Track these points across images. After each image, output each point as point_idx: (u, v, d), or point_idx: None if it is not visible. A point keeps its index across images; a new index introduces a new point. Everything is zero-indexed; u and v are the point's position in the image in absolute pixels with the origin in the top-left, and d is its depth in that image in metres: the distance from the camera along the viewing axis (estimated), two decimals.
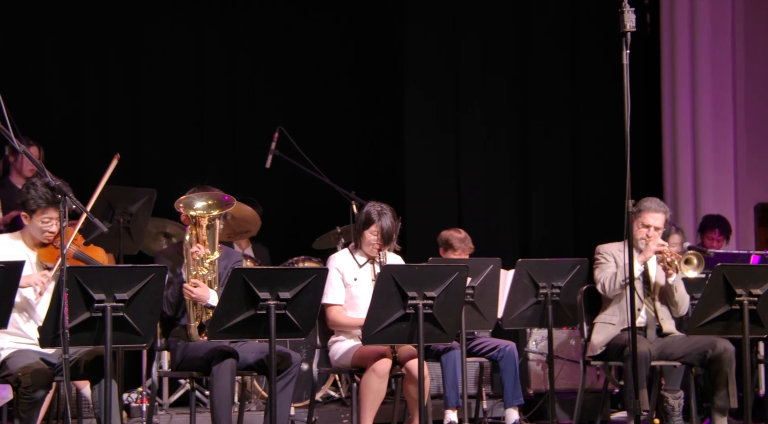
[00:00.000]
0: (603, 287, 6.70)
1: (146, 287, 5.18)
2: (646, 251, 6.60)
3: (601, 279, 6.72)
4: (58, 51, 9.13)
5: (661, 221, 6.72)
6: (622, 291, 6.63)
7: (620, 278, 6.60)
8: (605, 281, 6.69)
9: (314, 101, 9.85)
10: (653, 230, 6.69)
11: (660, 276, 6.73)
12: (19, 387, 5.30)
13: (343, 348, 6.35)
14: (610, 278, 6.66)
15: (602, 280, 6.71)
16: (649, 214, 6.65)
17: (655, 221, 6.69)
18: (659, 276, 6.73)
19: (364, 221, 6.43)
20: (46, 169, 5.37)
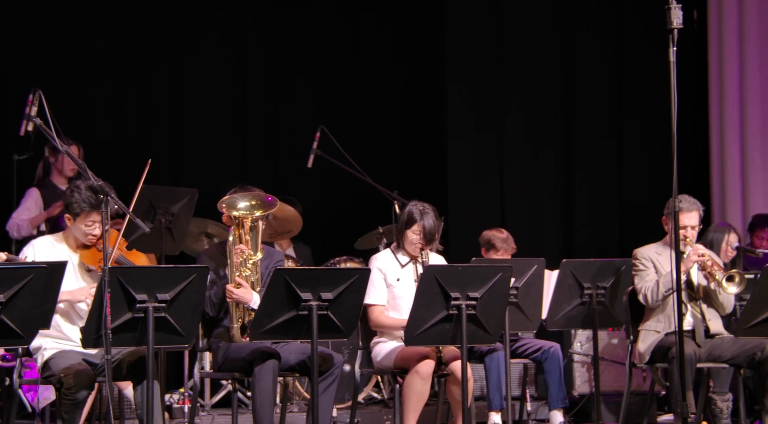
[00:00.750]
0: (645, 299, 6.63)
1: (188, 288, 5.20)
2: (686, 261, 6.52)
3: (642, 289, 6.64)
4: (100, 50, 9.20)
5: (696, 219, 6.67)
6: (665, 300, 6.58)
7: (662, 289, 6.53)
8: (647, 291, 6.61)
9: (356, 101, 9.86)
10: (690, 230, 6.63)
11: (703, 278, 6.67)
12: (62, 388, 5.35)
13: (386, 349, 6.35)
14: (652, 288, 6.59)
15: (643, 291, 6.63)
16: (683, 214, 6.58)
17: (691, 220, 6.63)
18: (702, 279, 6.66)
19: (407, 221, 6.43)
20: (88, 169, 5.41)
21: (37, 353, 5.63)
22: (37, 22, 8.92)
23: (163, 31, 9.39)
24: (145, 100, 9.34)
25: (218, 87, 9.53)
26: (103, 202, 5.29)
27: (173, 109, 9.44)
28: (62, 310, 5.59)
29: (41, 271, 4.85)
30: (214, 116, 9.50)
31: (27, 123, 5.45)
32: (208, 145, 9.45)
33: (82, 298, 5.55)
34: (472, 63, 9.81)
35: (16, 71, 8.78)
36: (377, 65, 9.95)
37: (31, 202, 7.92)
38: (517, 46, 9.84)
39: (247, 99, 9.67)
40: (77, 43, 9.09)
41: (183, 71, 9.46)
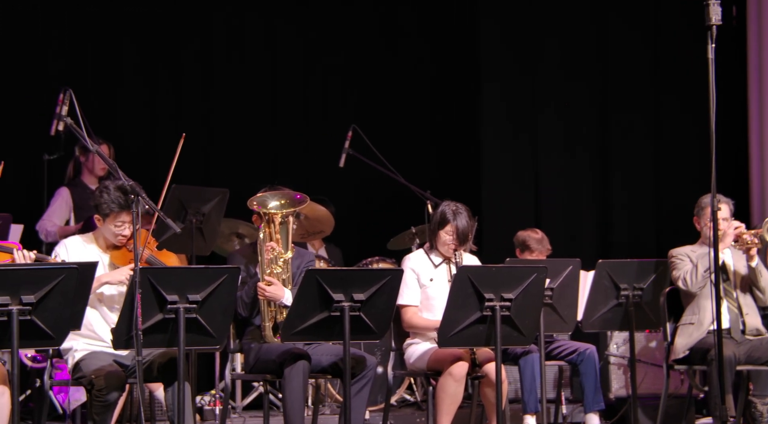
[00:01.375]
0: (684, 282, 6.62)
1: (219, 288, 5.20)
2: (724, 237, 6.53)
3: (680, 275, 6.65)
4: (130, 49, 9.25)
5: (728, 211, 6.67)
6: (704, 283, 6.55)
7: (701, 269, 6.52)
8: (685, 275, 6.62)
9: (389, 100, 9.85)
10: (723, 221, 6.63)
11: (740, 265, 6.64)
12: (93, 389, 5.37)
13: (419, 351, 6.34)
14: (690, 271, 6.59)
15: (682, 275, 6.64)
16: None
17: (722, 213, 6.63)
18: (739, 265, 6.63)
19: (439, 221, 6.42)
20: (118, 169, 5.43)
21: (67, 354, 5.66)
22: (66, 21, 8.97)
23: (194, 30, 9.42)
24: (175, 99, 9.37)
25: (249, 86, 9.55)
26: (133, 202, 5.30)
27: (204, 110, 9.46)
28: (94, 310, 5.60)
29: (72, 271, 4.87)
30: (245, 116, 9.52)
31: (57, 122, 5.48)
32: (239, 145, 9.47)
33: (122, 279, 5.56)
34: (507, 62, 9.77)
35: (46, 71, 8.83)
36: (410, 64, 9.94)
37: (61, 203, 7.95)
38: (551, 45, 9.79)
39: (279, 98, 9.69)
40: (107, 42, 9.13)
41: (214, 71, 9.48)
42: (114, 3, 9.12)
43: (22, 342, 4.82)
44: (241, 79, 9.52)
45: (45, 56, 8.89)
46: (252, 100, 9.56)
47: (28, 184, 8.52)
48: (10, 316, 4.76)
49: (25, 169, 8.61)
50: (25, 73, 8.78)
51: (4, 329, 4.78)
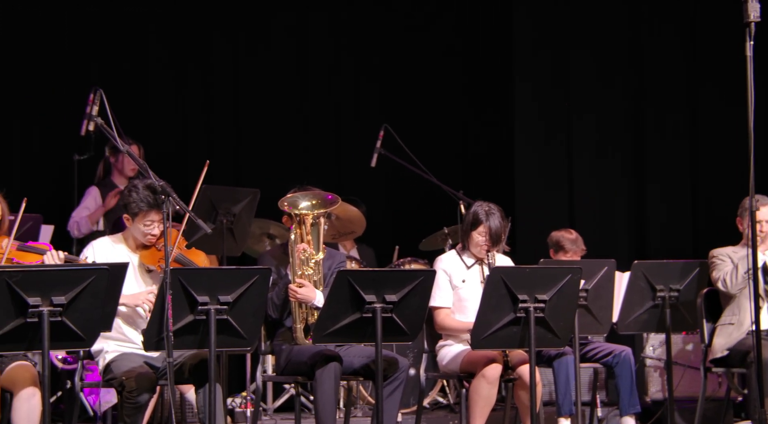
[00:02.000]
0: (724, 283, 6.58)
1: (250, 290, 5.21)
2: (766, 239, 6.50)
3: (720, 276, 6.62)
4: (160, 49, 9.29)
5: None
6: (745, 285, 6.51)
7: (741, 270, 6.48)
8: (725, 276, 6.58)
9: (420, 98, 9.84)
10: (765, 224, 6.63)
11: None
12: (124, 391, 5.39)
13: (452, 353, 6.33)
14: (731, 272, 6.55)
15: (722, 276, 6.60)
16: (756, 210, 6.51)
17: (762, 213, 6.59)
18: None
19: (472, 222, 6.41)
20: (149, 169, 5.44)
21: (98, 355, 5.68)
22: (97, 20, 9.02)
23: (224, 28, 9.45)
24: (205, 99, 9.41)
25: (279, 85, 9.57)
26: (163, 202, 5.32)
27: (234, 109, 9.50)
28: (123, 312, 5.63)
29: (102, 272, 4.89)
30: (275, 116, 9.54)
31: (88, 123, 5.50)
32: (270, 145, 9.49)
33: (140, 303, 5.59)
34: (540, 61, 9.74)
35: (76, 70, 8.88)
36: (443, 63, 9.93)
37: (90, 201, 8.00)
38: (585, 45, 9.75)
39: (309, 97, 9.70)
40: (137, 42, 9.18)
41: (243, 70, 9.51)
42: (144, 2, 9.16)
43: (52, 343, 4.83)
44: (271, 77, 9.54)
45: (75, 56, 8.93)
46: (282, 99, 9.58)
47: (58, 185, 8.57)
48: (40, 317, 4.77)
49: (55, 170, 8.67)
50: (56, 73, 8.83)
51: (35, 331, 4.80)
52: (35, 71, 8.75)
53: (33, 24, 8.77)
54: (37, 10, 8.79)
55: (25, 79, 8.72)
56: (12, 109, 8.72)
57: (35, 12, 8.78)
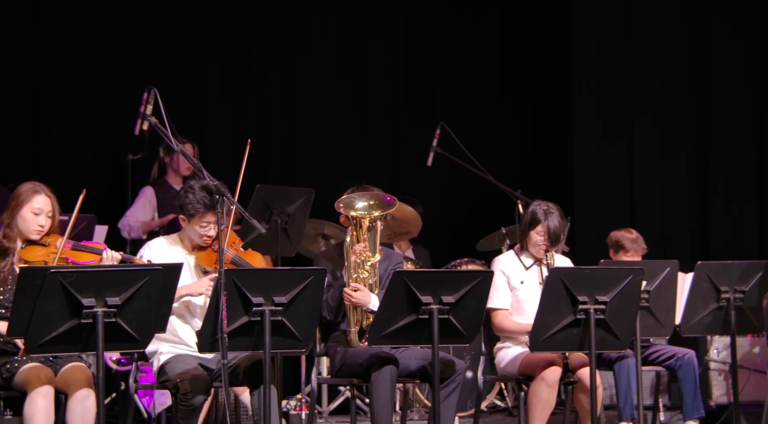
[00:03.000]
0: None
1: (305, 291, 5.22)
2: None
3: None
4: (213, 47, 9.35)
5: None
6: None
7: None
8: None
9: (477, 96, 9.83)
10: None
11: None
12: (178, 393, 5.42)
13: (510, 355, 6.32)
14: None
15: None
16: None
17: None
18: None
19: (530, 221, 6.39)
20: (203, 169, 5.48)
21: (153, 357, 5.73)
22: (150, 20, 9.10)
23: (279, 27, 9.49)
24: (259, 97, 9.45)
25: (334, 83, 9.60)
26: (218, 202, 5.35)
27: (289, 107, 9.54)
28: (179, 313, 5.67)
29: (157, 273, 4.93)
30: (330, 114, 9.57)
31: (142, 122, 5.54)
32: (325, 143, 9.52)
33: (202, 290, 5.62)
34: (599, 58, 9.68)
35: (130, 70, 8.96)
36: (500, 61, 9.91)
37: (144, 201, 8.06)
38: (646, 43, 9.67)
39: (365, 95, 9.72)
40: (191, 40, 9.24)
41: (298, 68, 9.55)
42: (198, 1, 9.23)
43: (107, 345, 4.88)
44: (326, 75, 9.57)
45: (129, 55, 9.02)
46: (338, 97, 9.61)
47: (112, 185, 8.65)
48: (95, 318, 4.82)
49: (109, 170, 8.76)
50: (109, 72, 8.92)
51: (90, 332, 4.85)
52: (89, 70, 8.85)
53: (87, 21, 8.87)
54: (93, 8, 8.88)
55: (79, 79, 8.82)
56: (66, 109, 8.82)
57: (90, 10, 8.87)
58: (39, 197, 5.50)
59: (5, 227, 5.49)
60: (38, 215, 5.49)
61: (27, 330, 4.82)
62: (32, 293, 4.79)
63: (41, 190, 5.53)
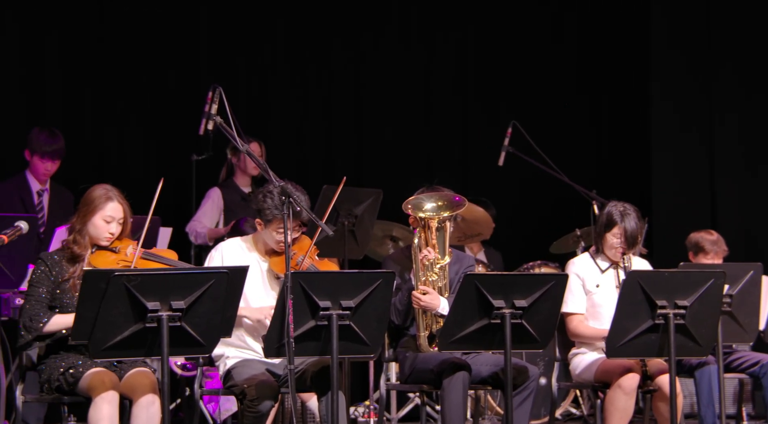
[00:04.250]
0: None
1: (373, 294, 5.22)
2: None
3: None
4: (280, 46, 9.39)
5: None
6: None
7: None
8: None
9: (550, 93, 9.78)
10: None
11: None
12: (245, 399, 5.45)
13: (586, 361, 6.28)
14: None
15: None
16: None
17: None
18: None
19: (606, 223, 6.34)
20: (269, 169, 5.50)
21: (219, 361, 5.77)
22: (216, 19, 9.16)
23: (345, 25, 9.51)
24: (325, 96, 9.48)
25: (402, 80, 9.60)
26: (284, 203, 5.36)
27: (356, 106, 9.55)
28: (245, 322, 5.70)
29: (222, 276, 4.96)
30: (398, 113, 9.58)
31: (207, 122, 5.57)
32: (393, 142, 9.52)
33: (261, 317, 5.65)
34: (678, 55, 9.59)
35: (195, 68, 9.03)
36: (572, 55, 9.85)
37: (211, 205, 8.12)
38: (725, 41, 9.55)
39: (434, 93, 9.71)
40: (256, 39, 9.29)
41: (365, 66, 9.57)
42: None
43: (172, 349, 4.92)
44: (394, 72, 9.57)
45: (193, 54, 9.09)
46: (405, 95, 9.61)
47: (176, 186, 8.71)
48: (159, 322, 4.87)
49: (173, 171, 8.81)
50: (173, 72, 9.00)
51: (154, 336, 4.90)
52: (153, 70, 8.93)
53: (149, 20, 8.95)
54: (154, 7, 8.96)
55: (143, 78, 8.90)
56: (130, 110, 8.91)
57: (151, 9, 8.95)
58: (111, 204, 5.55)
59: (75, 232, 5.55)
60: (110, 222, 5.54)
61: (91, 334, 4.88)
62: (96, 296, 4.85)
63: (114, 196, 5.57)
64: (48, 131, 7.51)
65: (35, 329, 5.38)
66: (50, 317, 5.39)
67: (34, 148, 7.49)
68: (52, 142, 7.48)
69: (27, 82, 8.54)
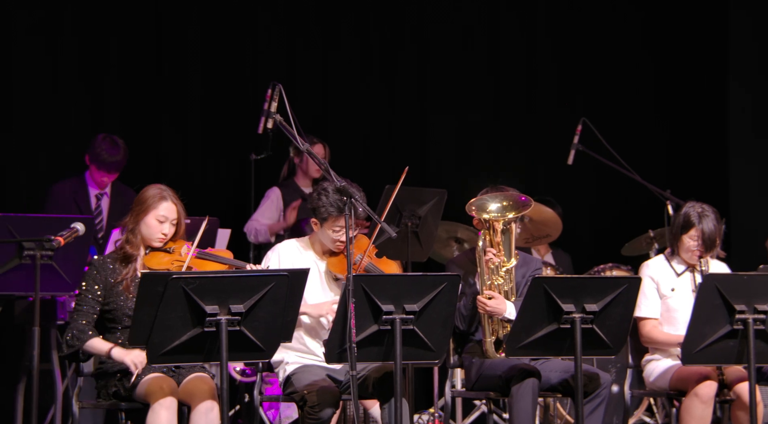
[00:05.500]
0: None
1: (437, 298, 5.22)
2: None
3: None
4: (342, 43, 9.40)
5: None
6: None
7: None
8: None
9: (621, 88, 9.71)
10: None
11: None
12: (305, 406, 5.47)
13: (660, 368, 6.23)
14: None
15: None
16: None
17: None
18: None
19: (682, 224, 6.29)
20: (331, 170, 5.50)
21: (279, 367, 5.79)
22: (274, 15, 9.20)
23: (411, 19, 9.50)
24: (389, 93, 9.49)
25: (468, 77, 9.58)
26: (345, 204, 5.37)
27: (420, 102, 9.55)
28: (306, 322, 5.71)
29: (282, 279, 4.97)
30: (463, 109, 9.56)
31: (266, 120, 5.59)
32: (457, 141, 9.51)
33: (324, 313, 5.66)
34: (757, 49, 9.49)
35: (253, 66, 9.08)
36: (645, 49, 9.78)
37: (270, 204, 8.15)
38: None
39: (500, 90, 9.69)
40: (317, 37, 9.31)
41: (430, 61, 9.56)
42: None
43: (231, 354, 4.94)
44: (459, 69, 9.56)
45: (252, 51, 9.14)
46: (471, 93, 9.59)
47: (235, 187, 8.77)
48: (218, 327, 4.90)
49: (231, 171, 8.88)
50: (231, 69, 9.04)
51: (213, 341, 4.92)
52: (211, 67, 8.98)
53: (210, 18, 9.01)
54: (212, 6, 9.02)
55: (201, 76, 8.96)
56: (187, 108, 8.97)
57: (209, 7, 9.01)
58: (165, 204, 5.58)
59: (128, 232, 5.59)
60: (163, 222, 5.57)
61: (149, 339, 4.91)
62: (154, 300, 4.88)
63: (168, 196, 5.60)
64: (110, 141, 7.54)
65: (74, 346, 5.47)
66: (92, 338, 5.46)
67: (93, 157, 7.55)
68: (112, 154, 7.51)
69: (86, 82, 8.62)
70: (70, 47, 8.57)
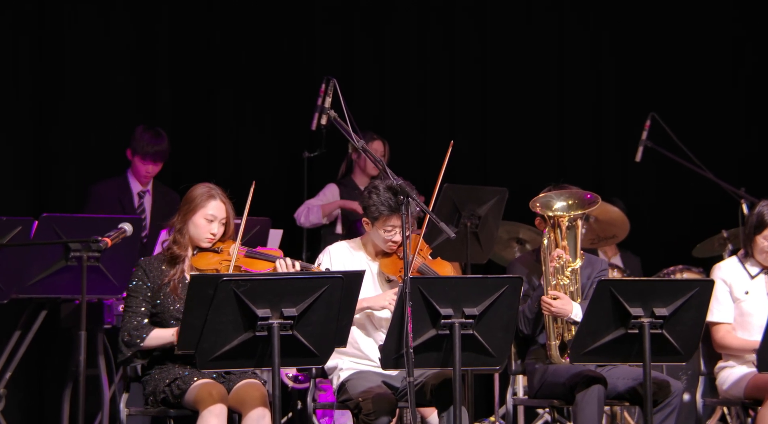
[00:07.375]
0: None
1: (499, 301, 5.21)
2: None
3: None
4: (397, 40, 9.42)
5: None
6: None
7: None
8: None
9: (692, 82, 9.66)
10: None
11: None
12: (360, 414, 5.48)
13: (734, 376, 6.19)
14: None
15: None
16: None
17: None
18: None
19: (756, 224, 6.25)
20: (387, 168, 5.51)
21: (332, 373, 5.81)
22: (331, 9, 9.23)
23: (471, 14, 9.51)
24: (449, 90, 9.49)
25: (530, 71, 9.57)
26: (402, 203, 5.37)
27: (481, 97, 9.55)
28: (360, 324, 5.73)
29: (337, 281, 4.98)
30: (525, 105, 9.55)
31: (320, 116, 5.61)
32: (519, 138, 9.50)
33: (385, 304, 5.67)
34: None
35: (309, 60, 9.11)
36: (720, 43, 9.72)
37: (328, 196, 8.18)
38: None
39: (564, 84, 9.66)
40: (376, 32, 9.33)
41: (489, 57, 9.57)
42: None
43: (283, 360, 4.95)
44: (522, 63, 9.55)
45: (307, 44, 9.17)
46: (533, 88, 9.58)
47: (287, 185, 8.81)
48: (270, 331, 4.91)
49: (283, 169, 8.91)
50: (284, 63, 9.08)
51: (265, 346, 4.94)
52: (262, 63, 9.03)
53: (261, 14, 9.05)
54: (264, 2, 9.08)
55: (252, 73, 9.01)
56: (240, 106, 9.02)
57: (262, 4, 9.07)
58: (213, 203, 5.61)
59: (176, 232, 5.62)
60: (211, 221, 5.60)
61: (198, 343, 4.94)
62: (204, 303, 4.90)
63: (216, 195, 5.63)
64: (152, 132, 7.60)
65: (134, 344, 5.47)
66: (149, 331, 5.48)
67: (136, 148, 7.60)
68: (156, 143, 7.57)
69: (137, 79, 8.68)
70: (120, 43, 8.67)
